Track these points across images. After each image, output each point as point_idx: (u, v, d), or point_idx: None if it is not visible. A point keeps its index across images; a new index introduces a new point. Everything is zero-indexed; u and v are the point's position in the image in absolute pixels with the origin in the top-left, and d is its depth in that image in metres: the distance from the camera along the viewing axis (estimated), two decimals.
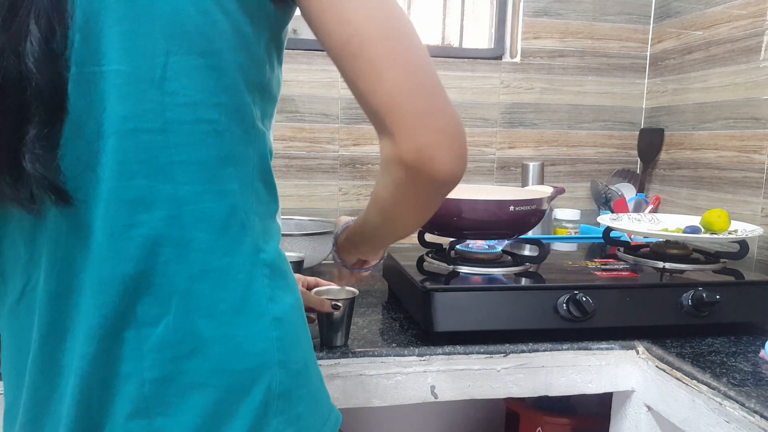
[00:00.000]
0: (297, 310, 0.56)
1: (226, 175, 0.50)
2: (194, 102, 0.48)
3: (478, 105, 1.55)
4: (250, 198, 0.52)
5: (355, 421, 1.55)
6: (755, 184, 1.26)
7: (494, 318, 0.92)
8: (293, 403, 0.53)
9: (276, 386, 0.52)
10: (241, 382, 0.50)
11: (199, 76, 0.47)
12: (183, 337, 0.49)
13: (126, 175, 0.47)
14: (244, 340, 0.50)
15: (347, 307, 0.89)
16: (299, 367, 0.54)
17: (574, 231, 1.48)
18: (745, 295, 1.00)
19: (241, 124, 0.51)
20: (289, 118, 1.47)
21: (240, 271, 0.51)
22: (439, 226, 1.04)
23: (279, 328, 0.52)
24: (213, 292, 0.50)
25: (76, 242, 0.48)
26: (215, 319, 0.50)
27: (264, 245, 0.53)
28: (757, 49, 1.26)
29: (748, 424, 0.73)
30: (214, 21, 0.47)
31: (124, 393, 0.49)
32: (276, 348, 0.52)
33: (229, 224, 0.50)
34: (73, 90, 0.46)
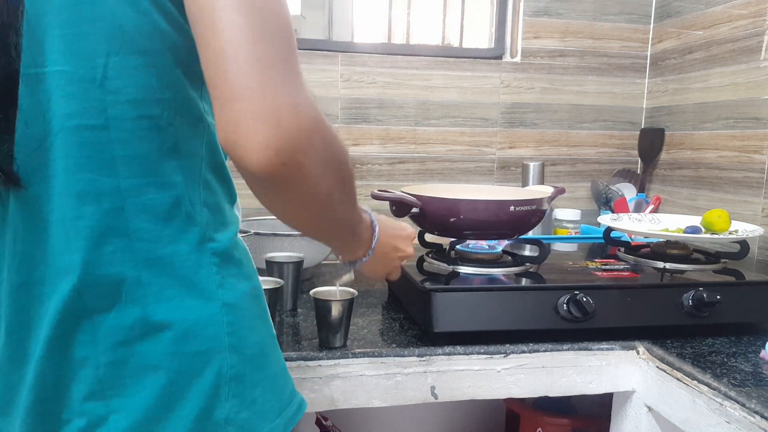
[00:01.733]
0: (252, 298, 0.58)
1: (170, 167, 0.52)
2: (136, 99, 0.49)
3: (478, 105, 1.55)
4: (197, 189, 0.54)
5: (355, 421, 1.55)
6: (756, 184, 1.26)
7: (494, 318, 0.92)
8: (247, 388, 0.55)
9: (227, 369, 0.53)
10: (192, 364, 0.52)
11: (140, 74, 0.49)
12: (134, 323, 0.51)
13: (72, 169, 0.49)
14: (194, 324, 0.52)
15: (346, 308, 0.88)
16: (254, 353, 0.56)
17: (575, 231, 1.48)
18: (745, 295, 1.00)
19: (187, 118, 0.53)
20: None
21: (186, 259, 0.53)
22: (439, 226, 1.04)
23: (230, 314, 0.54)
24: (160, 279, 0.52)
25: (34, 235, 0.51)
26: (164, 305, 0.52)
27: (214, 234, 0.55)
28: (757, 49, 1.26)
29: (748, 425, 0.73)
30: (153, 21, 0.48)
31: (79, 377, 0.51)
32: (227, 332, 0.54)
33: (173, 215, 0.52)
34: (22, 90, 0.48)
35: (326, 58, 1.45)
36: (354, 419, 1.55)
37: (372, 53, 1.49)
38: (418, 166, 1.54)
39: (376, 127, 1.51)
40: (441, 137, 1.54)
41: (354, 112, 1.49)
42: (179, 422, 0.52)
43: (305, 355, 0.87)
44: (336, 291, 0.90)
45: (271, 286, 0.94)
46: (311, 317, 1.01)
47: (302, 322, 1.02)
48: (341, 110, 1.48)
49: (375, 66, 1.48)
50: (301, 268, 1.08)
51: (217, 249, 0.55)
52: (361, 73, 1.48)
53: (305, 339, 0.93)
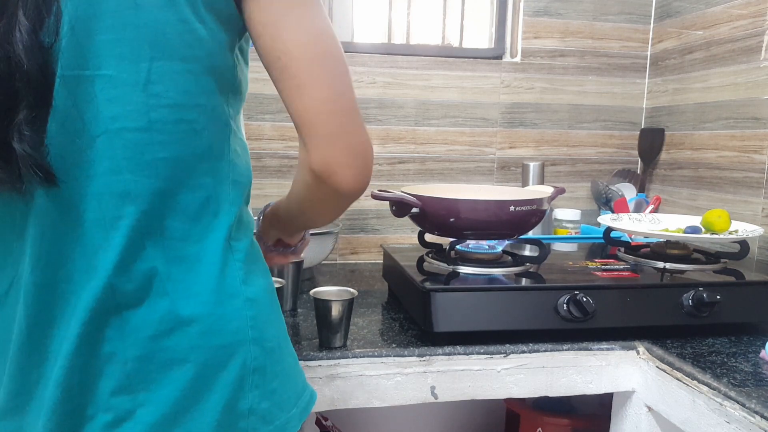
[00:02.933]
0: (269, 293, 0.61)
1: (202, 169, 0.55)
2: (176, 103, 0.52)
3: (478, 105, 1.55)
4: (223, 190, 0.57)
5: (355, 421, 1.55)
6: (756, 184, 1.26)
7: (494, 318, 0.92)
8: (268, 379, 0.57)
9: (251, 361, 0.56)
10: (218, 357, 0.54)
11: (180, 79, 0.52)
12: (162, 317, 0.53)
13: (114, 170, 0.51)
14: (220, 318, 0.55)
15: (346, 308, 0.89)
16: (273, 345, 0.59)
17: (575, 231, 1.48)
18: (745, 295, 1.00)
19: (217, 124, 0.56)
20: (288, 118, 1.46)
21: (213, 256, 0.55)
22: (439, 226, 1.04)
23: (253, 308, 0.57)
24: (189, 275, 0.54)
25: (63, 234, 0.52)
26: (192, 300, 0.54)
27: (236, 233, 0.58)
28: (757, 49, 1.26)
29: (748, 425, 0.73)
30: (193, 29, 0.52)
31: (107, 372, 0.52)
32: (250, 326, 0.56)
33: (202, 214, 0.55)
34: (60, 90, 0.49)
35: None
36: (354, 419, 1.55)
37: (372, 53, 1.49)
38: (418, 166, 1.54)
39: (376, 127, 1.51)
40: (441, 137, 1.54)
41: None
42: (205, 414, 0.54)
43: (305, 355, 0.87)
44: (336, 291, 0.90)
45: None
46: (311, 317, 1.01)
47: (302, 322, 1.02)
48: None
49: (375, 66, 1.48)
50: (301, 268, 1.08)
51: (239, 247, 0.58)
52: (361, 73, 1.48)
53: (305, 339, 0.93)
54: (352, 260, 1.54)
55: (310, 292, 0.90)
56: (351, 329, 0.95)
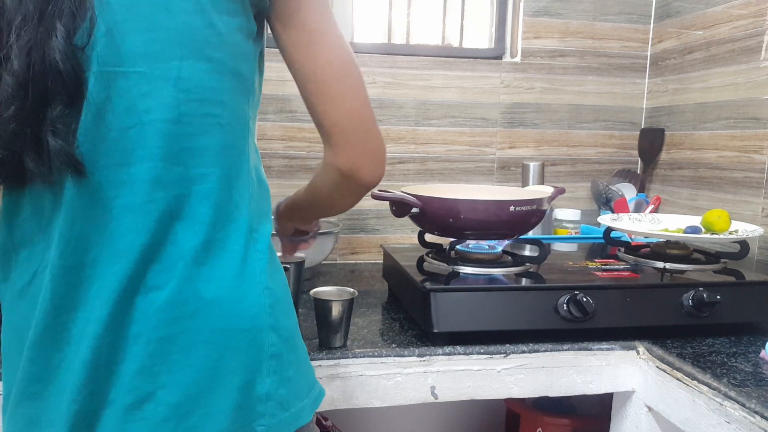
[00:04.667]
0: (285, 286, 0.64)
1: (227, 161, 0.58)
2: (203, 98, 0.56)
3: (478, 105, 1.55)
4: (245, 184, 0.60)
5: (355, 421, 1.55)
6: (756, 184, 1.26)
7: (494, 318, 0.92)
8: (284, 366, 0.60)
9: (269, 347, 0.58)
10: (238, 340, 0.57)
11: (206, 77, 0.56)
12: (186, 299, 0.55)
13: (147, 158, 0.54)
14: (240, 303, 0.57)
15: (346, 308, 0.89)
16: (288, 335, 0.61)
17: (575, 231, 1.48)
18: (745, 295, 1.00)
19: (239, 121, 0.60)
20: (289, 118, 1.47)
21: (236, 243, 0.58)
22: (439, 226, 1.04)
23: (271, 296, 0.60)
24: (213, 260, 0.57)
25: (92, 219, 0.55)
26: (214, 284, 0.56)
27: (257, 226, 0.61)
28: (757, 49, 1.26)
29: (748, 425, 0.73)
30: (219, 33, 0.56)
31: (131, 353, 0.54)
32: (268, 314, 0.59)
33: (227, 203, 0.58)
34: (95, 85, 0.53)
35: None
36: (354, 419, 1.55)
37: (372, 53, 1.49)
38: (418, 166, 1.54)
39: None
40: (441, 137, 1.54)
41: None
42: (225, 396, 0.56)
43: None
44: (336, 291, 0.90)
45: None
46: (311, 317, 1.01)
47: (302, 322, 1.02)
48: None
49: (375, 66, 1.48)
50: (302, 268, 1.08)
51: (260, 238, 0.61)
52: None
53: (305, 339, 0.93)
54: (352, 260, 1.54)
55: (310, 292, 0.90)
56: (351, 329, 0.95)
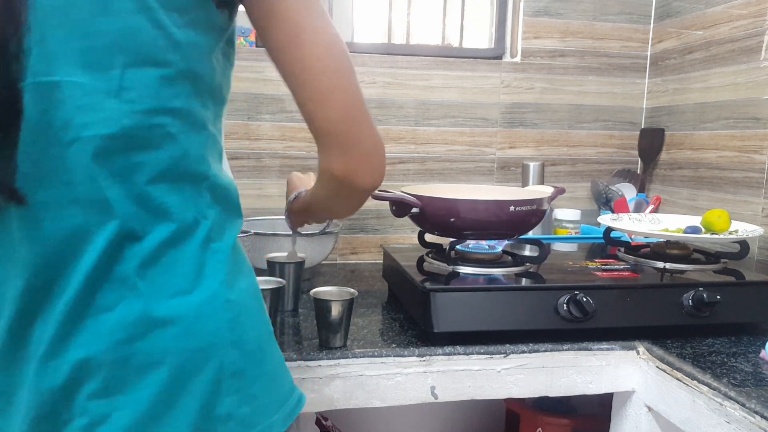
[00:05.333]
0: (252, 295, 0.61)
1: (179, 173, 0.55)
2: (150, 109, 0.52)
3: (478, 105, 1.55)
4: (202, 194, 0.57)
5: (355, 421, 1.55)
6: (756, 184, 1.26)
7: (494, 318, 0.92)
8: (248, 383, 0.57)
9: (229, 365, 0.55)
10: (194, 360, 0.54)
11: (154, 85, 0.51)
12: (137, 320, 0.52)
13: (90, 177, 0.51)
14: (196, 321, 0.54)
15: (346, 308, 0.89)
16: (254, 348, 0.58)
17: (575, 231, 1.48)
18: (745, 295, 1.00)
19: (194, 128, 0.56)
20: (289, 118, 1.47)
21: (191, 257, 0.55)
22: (439, 226, 1.04)
23: (232, 310, 0.56)
24: (164, 277, 0.54)
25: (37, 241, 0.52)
26: (166, 302, 0.53)
27: (217, 235, 0.58)
28: (757, 49, 1.26)
29: (748, 425, 0.73)
30: (169, 34, 0.51)
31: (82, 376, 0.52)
32: (229, 329, 0.56)
33: (181, 217, 0.55)
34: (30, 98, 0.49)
35: None
36: (354, 419, 1.55)
37: (372, 53, 1.49)
38: (418, 166, 1.54)
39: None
40: (441, 137, 1.54)
41: None
42: (181, 418, 0.53)
43: (305, 355, 0.87)
44: (336, 291, 0.90)
45: (272, 286, 0.94)
46: (311, 317, 1.01)
47: (302, 322, 1.02)
48: None
49: (375, 66, 1.48)
50: (302, 268, 1.08)
51: (220, 248, 0.57)
52: (361, 73, 1.48)
53: (305, 339, 0.93)
54: (352, 260, 1.54)
55: (310, 292, 0.90)
56: (351, 329, 0.95)
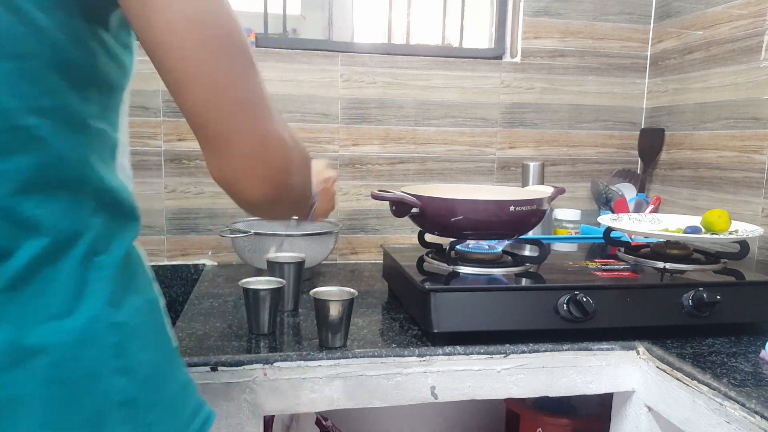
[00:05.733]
0: (147, 313, 0.54)
1: (52, 182, 0.48)
2: (8, 108, 0.44)
3: (478, 105, 1.55)
4: (83, 202, 0.50)
5: (355, 421, 1.55)
6: (756, 184, 1.26)
7: (494, 318, 0.92)
8: (142, 411, 0.51)
9: (115, 394, 0.49)
10: (73, 391, 0.47)
11: (12, 81, 0.44)
12: (5, 349, 0.46)
13: None
14: (75, 347, 0.48)
15: (346, 308, 0.89)
16: (148, 373, 0.52)
17: (575, 231, 1.48)
18: (745, 295, 1.00)
19: (70, 127, 0.48)
20: (288, 118, 1.47)
21: (69, 275, 0.48)
22: (439, 226, 1.04)
23: (118, 333, 0.50)
24: (37, 299, 0.47)
25: None
26: (40, 328, 0.47)
27: (103, 248, 0.51)
28: (757, 49, 1.26)
29: (748, 425, 0.73)
30: (30, 20, 0.44)
31: None
32: (113, 355, 0.49)
33: (55, 230, 0.48)
34: None
35: (326, 58, 1.45)
36: (354, 419, 1.55)
37: (372, 53, 1.49)
38: (418, 166, 1.54)
39: (376, 127, 1.51)
40: (441, 137, 1.54)
41: (354, 112, 1.49)
42: None
43: (305, 355, 0.87)
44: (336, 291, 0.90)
45: (272, 286, 0.94)
46: (311, 317, 1.01)
47: (302, 322, 1.02)
48: (341, 110, 1.48)
49: (375, 66, 1.48)
50: (302, 268, 1.08)
51: (106, 262, 0.51)
52: (361, 73, 1.48)
53: (305, 339, 0.93)
54: (352, 260, 1.54)
55: (310, 292, 0.90)
56: (351, 329, 0.95)
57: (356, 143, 1.50)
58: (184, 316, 1.04)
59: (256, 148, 0.47)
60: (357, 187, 1.52)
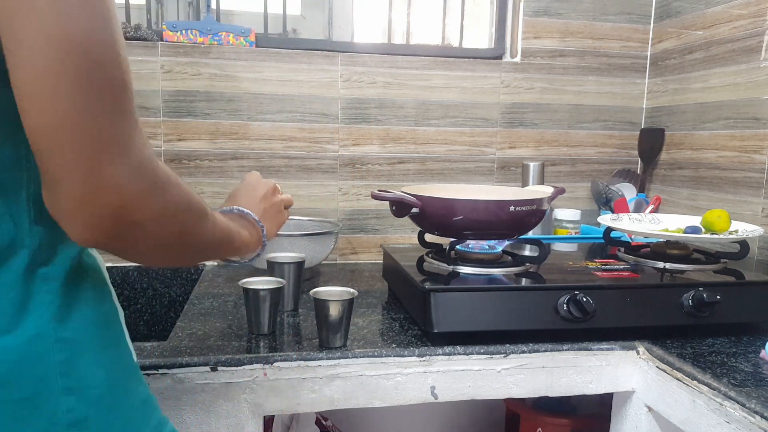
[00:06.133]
0: (99, 326, 0.51)
1: None
2: None
3: (478, 105, 1.55)
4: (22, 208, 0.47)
5: (355, 421, 1.55)
6: (756, 184, 1.26)
7: (494, 318, 0.92)
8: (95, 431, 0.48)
9: (63, 415, 0.46)
10: (15, 413, 0.44)
11: None
12: None
13: None
14: (16, 366, 0.45)
15: (346, 308, 0.89)
16: (101, 392, 0.49)
17: (575, 231, 1.48)
18: (745, 295, 1.00)
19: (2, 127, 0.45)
20: (288, 118, 1.47)
21: (9, 289, 0.45)
22: (439, 226, 1.04)
23: (65, 350, 0.47)
24: None
25: None
26: None
27: (49, 258, 0.48)
28: (757, 49, 1.26)
29: (748, 425, 0.73)
30: None
31: None
32: (60, 373, 0.46)
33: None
34: None
35: (326, 58, 1.45)
36: (354, 419, 1.55)
37: (372, 53, 1.49)
38: (418, 166, 1.54)
39: (376, 127, 1.51)
40: (441, 137, 1.54)
41: (354, 112, 1.49)
42: None
43: (305, 355, 0.87)
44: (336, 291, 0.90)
45: (272, 286, 0.94)
46: (311, 317, 1.01)
47: (302, 322, 1.02)
48: (341, 110, 1.48)
49: (375, 66, 1.48)
50: (302, 268, 1.08)
51: (51, 273, 0.48)
52: (361, 73, 1.48)
53: (305, 339, 0.93)
54: (352, 260, 1.54)
55: (310, 292, 0.90)
56: (351, 329, 0.95)
57: (356, 143, 1.50)
58: (184, 316, 1.04)
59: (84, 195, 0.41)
60: (357, 187, 1.52)
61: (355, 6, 1.62)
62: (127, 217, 0.43)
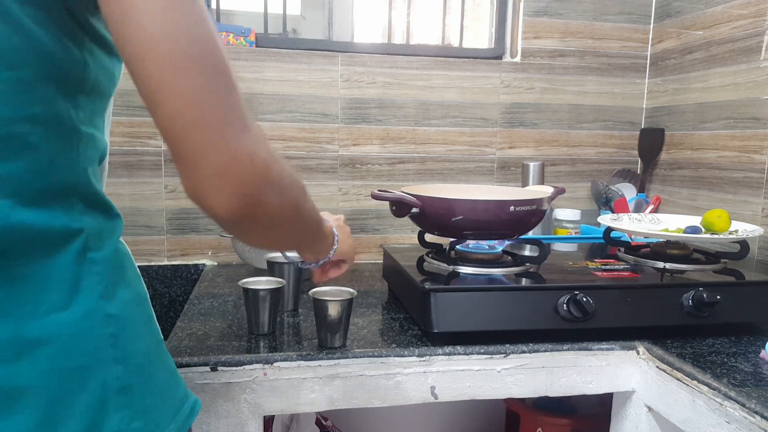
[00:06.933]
0: (138, 305, 0.58)
1: (45, 186, 0.50)
2: (3, 117, 0.46)
3: (478, 105, 1.55)
4: (75, 200, 0.53)
5: (355, 421, 1.55)
6: (756, 184, 1.26)
7: (494, 318, 0.92)
8: (138, 397, 0.54)
9: (113, 381, 0.53)
10: (74, 380, 0.51)
11: (6, 90, 0.46)
12: (8, 342, 0.48)
13: None
14: (73, 338, 0.51)
15: (345, 308, 0.89)
16: (142, 362, 0.56)
17: (575, 231, 1.48)
18: (745, 295, 1.00)
19: (59, 133, 0.50)
20: (288, 118, 1.47)
21: (64, 272, 0.51)
22: (439, 226, 1.04)
23: (112, 325, 0.53)
24: (35, 294, 0.50)
25: None
26: (39, 321, 0.50)
27: (95, 244, 0.54)
28: (757, 49, 1.26)
29: (748, 425, 0.73)
30: (26, 31, 0.46)
31: None
32: (110, 344, 0.53)
33: (49, 231, 0.50)
34: None
35: (326, 58, 1.45)
36: (354, 419, 1.55)
37: (372, 53, 1.49)
38: (418, 166, 1.54)
39: (376, 127, 1.51)
40: (441, 137, 1.54)
41: (354, 112, 1.49)
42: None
43: (305, 355, 0.87)
44: (336, 291, 0.90)
45: (272, 286, 0.94)
46: (311, 317, 1.01)
47: (302, 322, 1.02)
48: (341, 110, 1.48)
49: (375, 66, 1.48)
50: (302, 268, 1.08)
51: (98, 258, 0.54)
52: (361, 73, 1.48)
53: (305, 339, 0.93)
54: None
55: (310, 292, 0.90)
56: (351, 329, 0.95)
57: (356, 143, 1.50)
58: (184, 316, 1.04)
59: (229, 161, 0.46)
60: (357, 187, 1.52)
61: (355, 6, 1.62)
62: (260, 186, 0.48)
